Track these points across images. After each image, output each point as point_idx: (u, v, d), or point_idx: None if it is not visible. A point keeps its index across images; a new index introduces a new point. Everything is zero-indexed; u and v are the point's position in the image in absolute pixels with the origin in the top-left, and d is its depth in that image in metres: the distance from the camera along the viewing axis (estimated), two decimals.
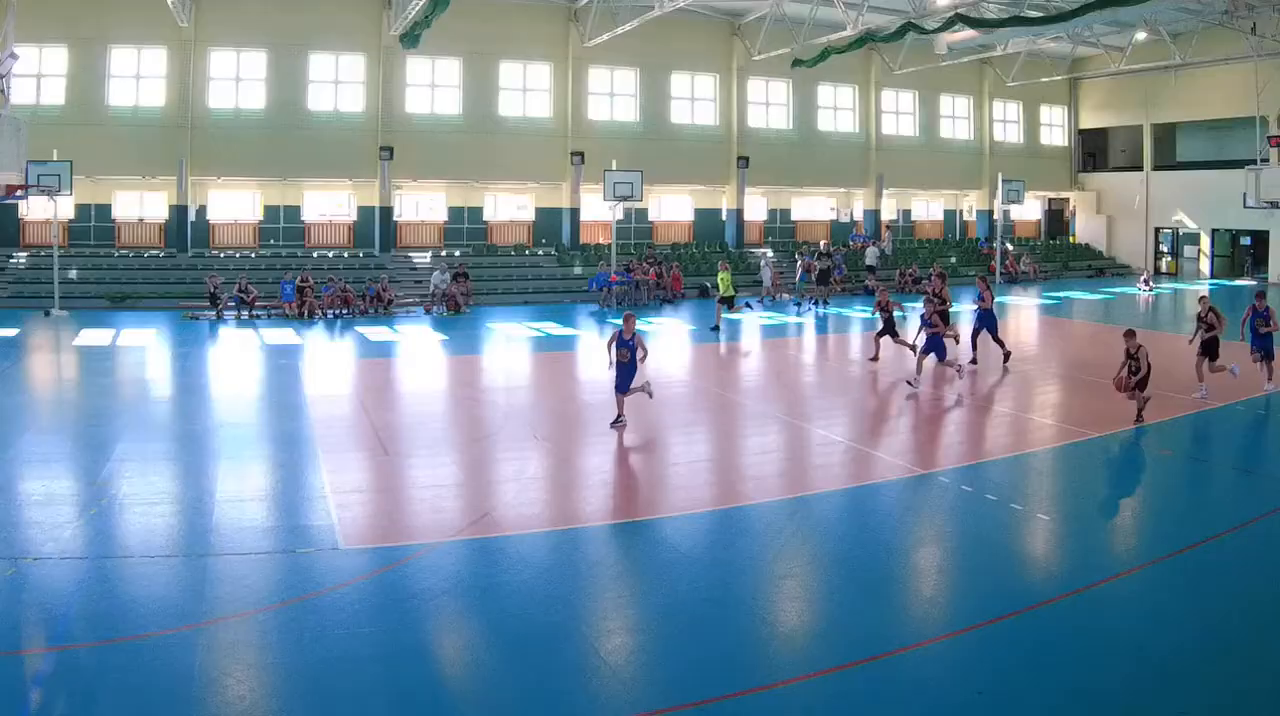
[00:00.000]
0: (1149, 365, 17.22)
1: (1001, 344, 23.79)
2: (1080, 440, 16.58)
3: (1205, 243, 52.22)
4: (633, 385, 17.19)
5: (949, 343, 21.95)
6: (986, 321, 23.73)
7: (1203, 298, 21.09)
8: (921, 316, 21.63)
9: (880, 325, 23.96)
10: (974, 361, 23.40)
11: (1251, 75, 44.22)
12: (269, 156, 38.98)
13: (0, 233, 37.16)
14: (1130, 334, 17.61)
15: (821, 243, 46.63)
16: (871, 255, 45.16)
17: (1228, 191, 45.16)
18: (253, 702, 7.83)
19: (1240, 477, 15.13)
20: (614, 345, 17.13)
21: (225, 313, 32.97)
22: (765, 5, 41.55)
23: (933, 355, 20.87)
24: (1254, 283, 44.14)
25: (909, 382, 21.02)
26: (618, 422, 17.01)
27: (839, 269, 42.36)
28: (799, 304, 38.75)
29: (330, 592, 9.91)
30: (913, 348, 22.28)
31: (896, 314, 24.11)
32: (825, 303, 38.25)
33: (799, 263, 41.46)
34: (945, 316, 22.92)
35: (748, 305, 33.58)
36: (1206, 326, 19.72)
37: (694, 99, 46.89)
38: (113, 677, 8.10)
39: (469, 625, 9.53)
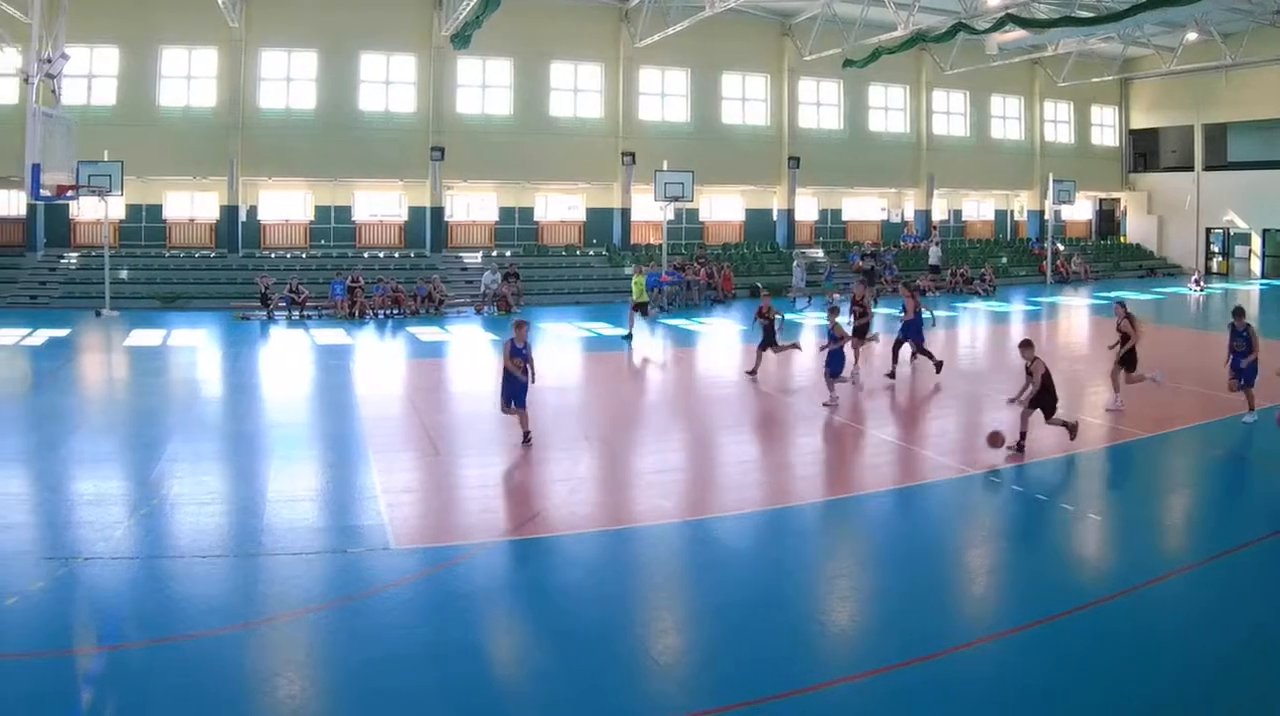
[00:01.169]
0: (1044, 382, 15.08)
1: (930, 355, 22.48)
2: (1129, 440, 16.33)
3: (1256, 243, 51.42)
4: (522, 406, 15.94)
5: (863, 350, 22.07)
6: (910, 332, 22.68)
7: (1121, 303, 19.31)
8: (826, 328, 20.31)
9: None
10: (891, 374, 22.24)
11: None
12: (320, 157, 39.25)
13: (51, 233, 37.68)
14: (1026, 345, 15.48)
15: (867, 243, 46.24)
16: (934, 254, 44.72)
17: (1279, 192, 44.41)
18: (304, 701, 7.83)
19: None
20: (509, 356, 15.63)
21: (276, 313, 33.21)
22: (816, 6, 41.33)
23: (829, 367, 19.48)
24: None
25: (826, 404, 19.26)
26: (527, 442, 15.86)
27: (890, 269, 41.92)
28: (808, 303, 38.46)
29: (382, 592, 9.88)
30: (794, 347, 23.28)
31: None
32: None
33: (827, 264, 40.92)
34: (865, 327, 22.65)
35: (660, 309, 33.01)
36: (1123, 336, 18.59)
37: (745, 99, 46.74)
38: (164, 677, 8.09)
39: (520, 624, 9.50)
